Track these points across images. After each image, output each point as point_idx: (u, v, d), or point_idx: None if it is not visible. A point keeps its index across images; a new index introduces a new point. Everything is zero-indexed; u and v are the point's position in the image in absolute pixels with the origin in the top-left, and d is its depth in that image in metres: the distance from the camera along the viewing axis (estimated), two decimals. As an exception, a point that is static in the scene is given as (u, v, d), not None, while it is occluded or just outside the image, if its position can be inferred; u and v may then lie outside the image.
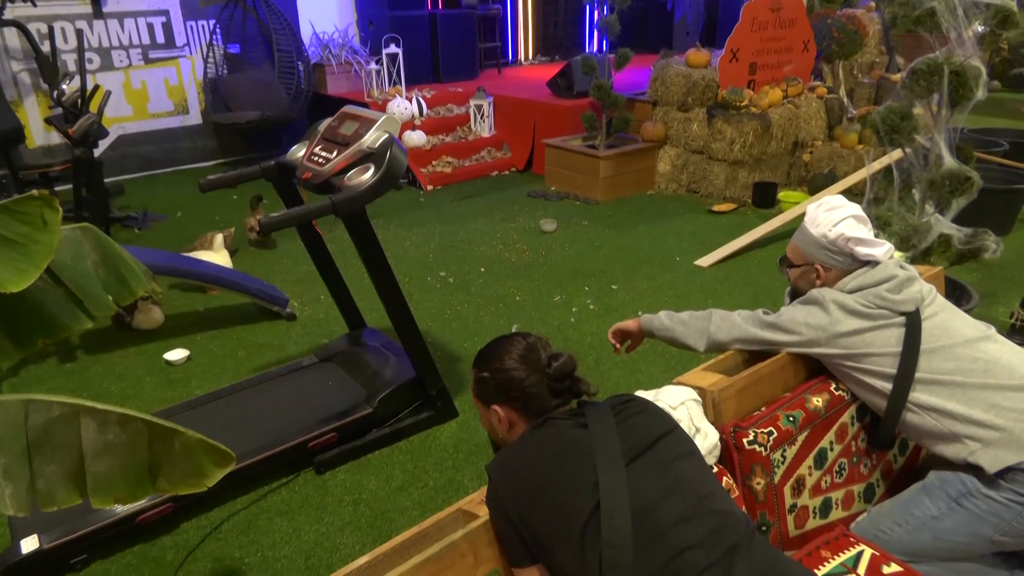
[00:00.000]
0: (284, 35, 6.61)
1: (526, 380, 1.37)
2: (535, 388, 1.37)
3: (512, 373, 1.38)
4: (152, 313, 3.78)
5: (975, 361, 1.61)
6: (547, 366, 1.37)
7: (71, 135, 4.54)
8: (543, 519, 1.26)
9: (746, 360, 1.83)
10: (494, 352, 1.44)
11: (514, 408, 1.41)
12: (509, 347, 1.42)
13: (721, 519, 1.23)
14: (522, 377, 1.38)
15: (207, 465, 1.43)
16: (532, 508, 1.27)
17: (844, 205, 1.76)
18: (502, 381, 1.40)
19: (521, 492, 1.29)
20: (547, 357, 1.39)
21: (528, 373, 1.37)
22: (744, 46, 5.60)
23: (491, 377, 1.42)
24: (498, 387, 1.41)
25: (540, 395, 1.37)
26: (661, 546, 1.19)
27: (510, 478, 1.32)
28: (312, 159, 2.53)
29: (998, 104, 8.84)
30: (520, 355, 1.40)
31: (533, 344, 1.42)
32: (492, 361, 1.43)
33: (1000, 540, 1.55)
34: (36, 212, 1.30)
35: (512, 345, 1.42)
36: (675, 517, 1.21)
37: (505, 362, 1.40)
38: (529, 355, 1.39)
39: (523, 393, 1.38)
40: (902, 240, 3.02)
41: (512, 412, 1.41)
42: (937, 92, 2.83)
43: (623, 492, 1.22)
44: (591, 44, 9.82)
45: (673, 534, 1.19)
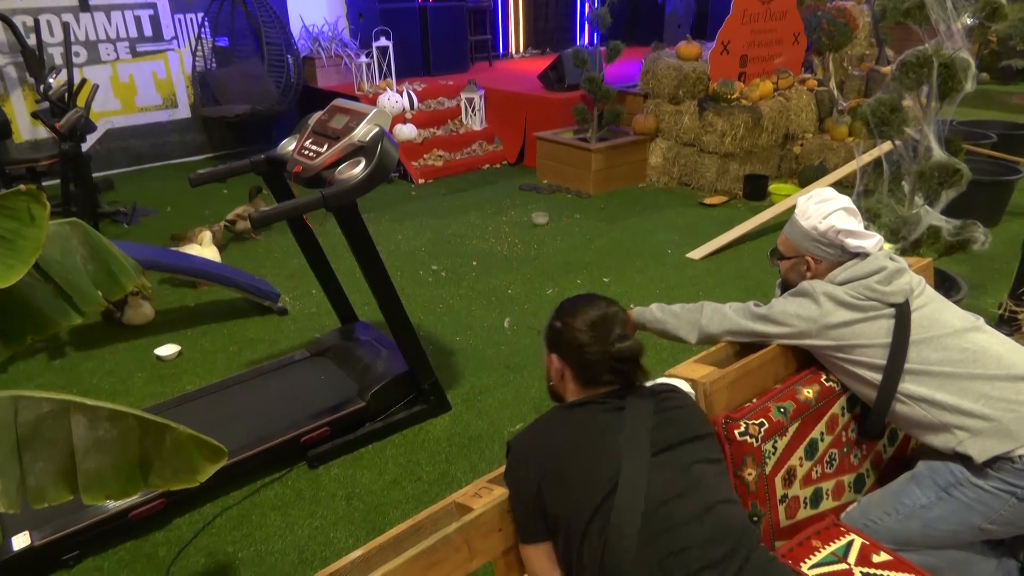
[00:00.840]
0: (273, 28, 6.57)
1: (588, 348, 1.37)
2: (594, 358, 1.37)
3: (578, 335, 1.38)
4: (142, 308, 3.76)
5: (964, 352, 1.62)
6: (612, 343, 1.36)
7: (58, 129, 4.50)
8: (560, 494, 1.28)
9: (737, 352, 1.83)
10: (574, 307, 1.43)
11: (568, 365, 1.42)
12: (589, 309, 1.41)
13: (726, 527, 1.25)
14: (586, 343, 1.37)
15: (199, 460, 1.43)
16: (551, 482, 1.29)
17: (834, 197, 1.77)
18: (568, 338, 1.40)
19: (544, 466, 1.31)
20: (617, 335, 1.37)
21: (592, 341, 1.37)
22: (735, 38, 5.60)
23: (560, 329, 1.42)
24: (562, 341, 1.41)
25: (596, 366, 1.37)
26: (664, 540, 1.21)
27: (534, 451, 1.33)
28: (302, 153, 2.52)
29: (987, 96, 8.89)
30: (593, 321, 1.39)
31: (611, 316, 1.40)
32: (568, 315, 1.42)
33: (988, 528, 1.57)
34: (23, 207, 1.29)
35: (592, 308, 1.41)
36: (684, 516, 1.23)
37: (577, 322, 1.39)
38: (602, 324, 1.38)
39: (581, 357, 1.39)
40: (892, 232, 3.03)
41: (566, 368, 1.42)
42: (926, 84, 2.84)
43: (641, 481, 1.24)
44: (582, 37, 9.80)
45: (678, 531, 1.21)
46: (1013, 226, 4.70)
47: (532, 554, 1.33)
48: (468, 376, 3.24)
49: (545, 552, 1.32)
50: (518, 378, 3.21)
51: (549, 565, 1.32)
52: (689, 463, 1.31)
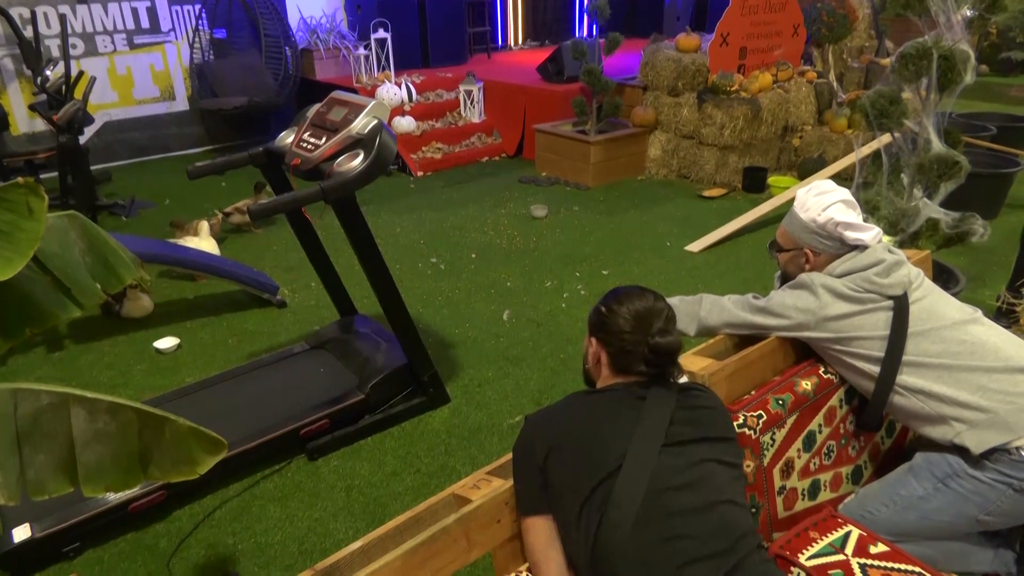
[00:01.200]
0: (271, 20, 6.54)
1: (627, 336, 1.39)
2: (631, 347, 1.38)
3: (620, 322, 1.40)
4: (141, 301, 3.75)
5: (962, 344, 1.62)
6: (652, 336, 1.37)
7: (56, 122, 4.48)
8: (564, 467, 1.31)
9: (736, 344, 1.84)
10: (621, 295, 1.44)
11: (606, 351, 1.43)
12: (636, 300, 1.42)
13: (727, 526, 1.26)
14: (626, 331, 1.39)
15: (198, 453, 1.43)
16: (557, 454, 1.32)
17: (833, 190, 1.77)
18: (609, 324, 1.42)
19: (554, 439, 1.34)
20: (659, 328, 1.38)
21: (633, 331, 1.38)
22: (734, 30, 5.59)
23: (605, 313, 1.43)
24: (603, 325, 1.43)
25: (632, 355, 1.39)
26: (661, 526, 1.22)
27: (547, 426, 1.37)
28: (301, 145, 2.51)
29: (986, 88, 8.87)
30: (637, 312, 1.40)
31: (656, 310, 1.41)
32: (615, 302, 1.43)
33: (984, 519, 1.58)
34: (21, 200, 1.28)
35: (639, 300, 1.42)
36: (684, 507, 1.25)
37: (622, 310, 1.41)
38: (645, 317, 1.39)
39: (619, 345, 1.40)
40: (890, 224, 3.04)
41: (602, 352, 1.44)
42: (926, 76, 2.83)
43: (648, 465, 1.26)
44: (581, 28, 9.76)
45: (675, 519, 1.23)
46: (1011, 218, 4.70)
47: (532, 526, 1.34)
48: (467, 368, 3.24)
49: (545, 524, 1.33)
50: (517, 370, 3.22)
51: (548, 538, 1.33)
52: (698, 459, 1.31)
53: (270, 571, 2.21)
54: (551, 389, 3.06)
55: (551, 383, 3.11)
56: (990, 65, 9.70)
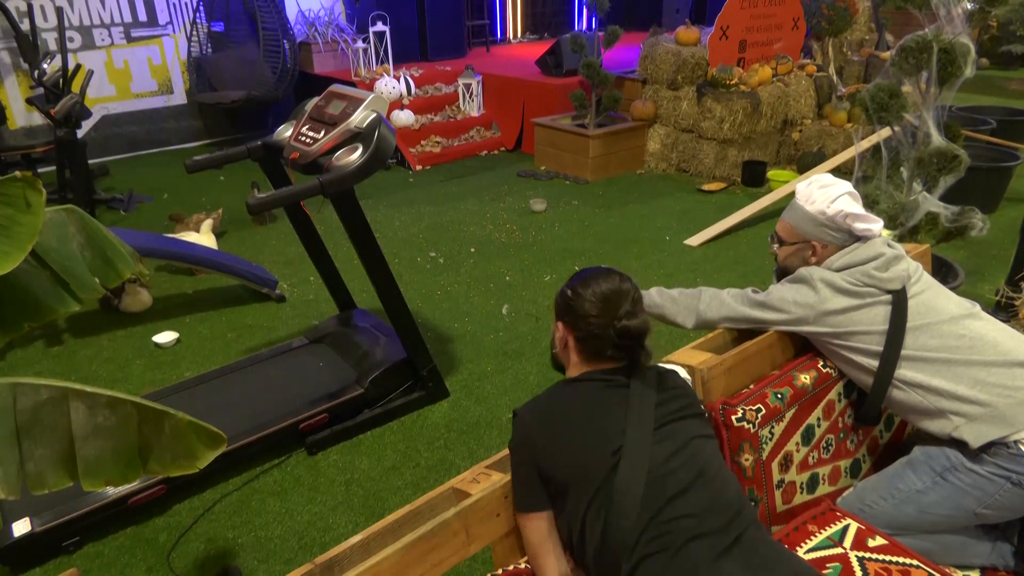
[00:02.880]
0: (269, 13, 6.51)
1: (594, 320, 1.37)
2: (598, 331, 1.37)
3: (586, 306, 1.38)
4: (140, 296, 3.75)
5: (960, 338, 1.63)
6: (619, 318, 1.35)
7: (53, 116, 4.47)
8: (565, 462, 1.30)
9: (735, 338, 1.84)
10: (588, 278, 1.42)
11: (573, 335, 1.41)
12: (602, 282, 1.40)
13: (722, 499, 1.28)
14: (592, 315, 1.37)
15: (198, 447, 1.43)
16: (557, 450, 1.31)
17: (837, 182, 1.77)
18: (576, 308, 1.40)
19: (549, 434, 1.32)
20: (626, 311, 1.36)
21: (600, 314, 1.37)
22: (734, 24, 5.57)
23: (570, 297, 1.42)
24: (570, 310, 1.41)
25: (601, 339, 1.37)
26: (663, 510, 1.24)
27: (540, 421, 1.35)
28: (299, 139, 2.51)
29: (986, 82, 8.86)
30: (604, 295, 1.38)
31: (623, 292, 1.39)
32: (580, 284, 1.41)
33: (983, 513, 1.58)
34: (19, 194, 1.28)
35: (605, 282, 1.40)
36: (681, 485, 1.26)
37: (588, 292, 1.39)
38: (612, 299, 1.37)
39: (587, 329, 1.38)
40: (890, 218, 3.03)
41: (570, 337, 1.42)
42: (926, 70, 2.83)
43: (646, 450, 1.26)
44: (580, 22, 9.73)
45: (676, 500, 1.24)
46: (1011, 212, 4.70)
47: (529, 524, 1.34)
48: (466, 363, 3.24)
49: (543, 521, 1.33)
50: (516, 365, 3.22)
51: (546, 535, 1.33)
52: (687, 438, 1.33)
53: (270, 565, 2.21)
54: (550, 383, 3.03)
55: (550, 377, 3.11)
56: (990, 58, 9.69)
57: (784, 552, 1.30)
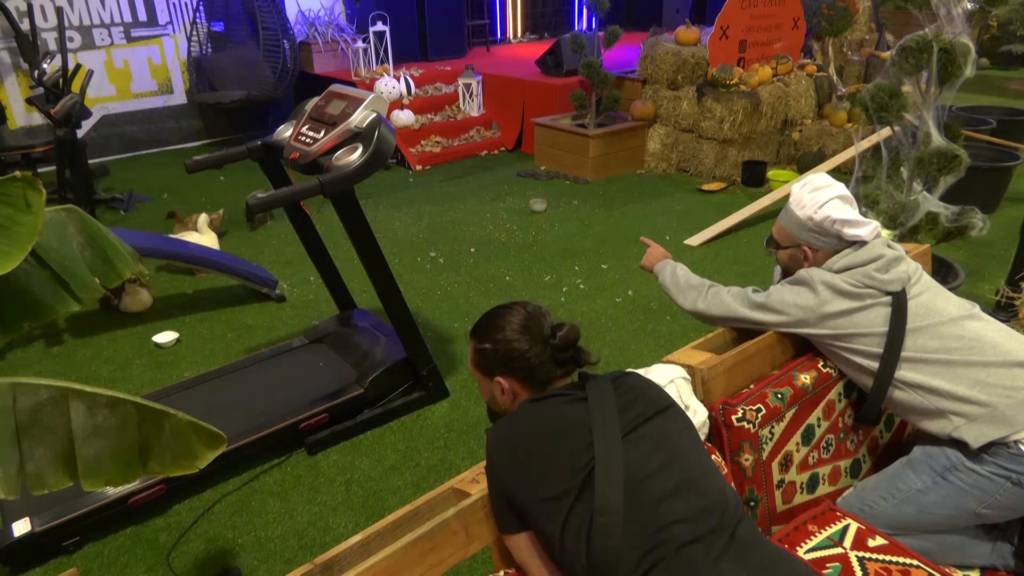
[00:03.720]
0: (268, 12, 6.51)
1: (529, 351, 1.34)
2: (538, 359, 1.35)
3: (514, 344, 1.35)
4: (140, 295, 3.75)
5: (960, 339, 1.63)
6: (551, 336, 1.34)
7: (53, 115, 4.47)
8: (534, 488, 1.26)
9: (735, 338, 1.84)
10: (494, 322, 1.39)
11: (517, 379, 1.38)
12: (510, 316, 1.38)
13: (710, 498, 1.24)
14: (525, 348, 1.34)
15: (198, 447, 1.43)
16: (525, 478, 1.27)
17: (829, 185, 1.76)
18: (504, 353, 1.36)
19: (515, 462, 1.29)
20: (550, 327, 1.35)
21: (531, 344, 1.34)
22: (734, 23, 5.57)
23: (492, 349, 1.38)
24: (500, 359, 1.37)
25: (543, 365, 1.35)
26: (649, 517, 1.19)
27: (507, 450, 1.31)
28: (299, 139, 2.51)
29: (986, 82, 8.86)
30: (521, 325, 1.36)
31: (533, 313, 1.38)
32: (492, 332, 1.38)
33: (983, 513, 1.58)
34: (19, 194, 1.28)
35: (512, 315, 1.38)
36: (665, 491, 1.22)
37: (507, 333, 1.36)
38: (531, 325, 1.36)
39: (526, 364, 1.35)
40: (890, 218, 3.03)
41: (515, 383, 1.38)
42: (926, 70, 2.83)
43: (618, 462, 1.22)
44: (580, 22, 9.74)
45: (662, 507, 1.20)
46: (1011, 212, 4.70)
47: (512, 543, 1.33)
48: (466, 363, 3.24)
49: (525, 541, 1.31)
50: (516, 365, 3.22)
51: (531, 553, 1.31)
52: (663, 437, 1.29)
53: (270, 565, 2.21)
54: (550, 383, 3.06)
55: (550, 377, 3.11)
56: (990, 58, 9.69)
57: (782, 553, 1.29)
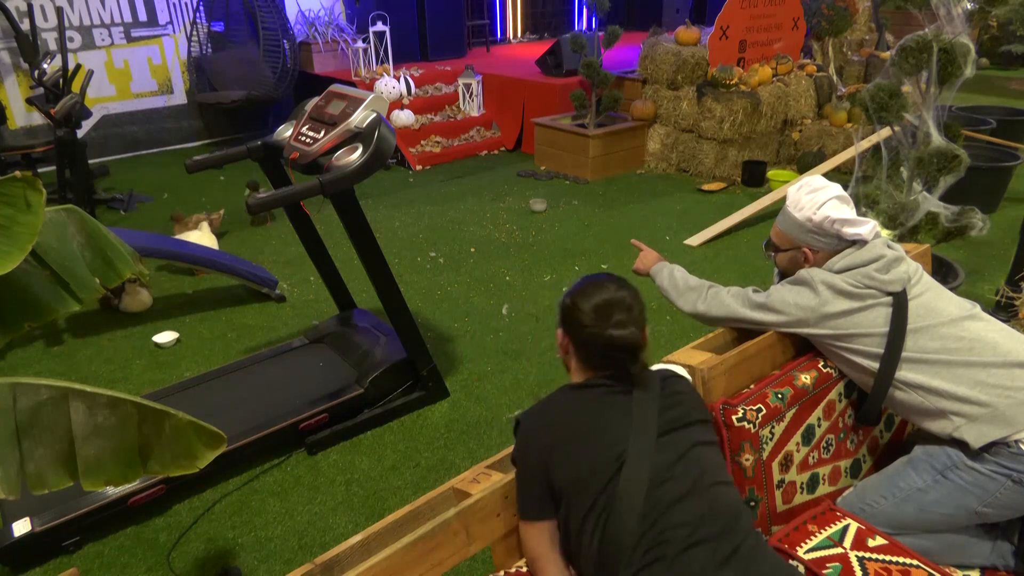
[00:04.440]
0: (268, 12, 6.51)
1: (586, 329, 1.37)
2: (590, 340, 1.37)
3: (581, 315, 1.38)
4: (140, 295, 3.75)
5: (960, 340, 1.63)
6: (609, 328, 1.35)
7: (53, 115, 4.47)
8: (567, 468, 1.30)
9: (735, 338, 1.84)
10: (586, 286, 1.42)
11: (571, 342, 1.42)
12: (599, 291, 1.40)
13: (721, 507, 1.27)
14: (586, 324, 1.37)
15: (198, 447, 1.43)
16: (560, 456, 1.31)
17: (826, 186, 1.76)
18: (572, 316, 1.40)
19: (552, 441, 1.32)
20: (616, 320, 1.36)
21: (593, 323, 1.37)
22: (734, 23, 5.57)
23: (569, 305, 1.42)
24: (567, 317, 1.42)
25: (593, 348, 1.38)
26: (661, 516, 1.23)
27: (544, 427, 1.35)
28: (299, 139, 2.51)
29: (986, 82, 8.86)
30: (598, 304, 1.37)
31: (616, 301, 1.38)
32: (578, 294, 1.42)
33: (983, 512, 1.58)
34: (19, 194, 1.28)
35: (601, 291, 1.40)
36: (679, 493, 1.26)
37: (583, 302, 1.39)
38: (605, 309, 1.37)
39: (580, 337, 1.39)
40: (890, 218, 3.03)
41: (569, 344, 1.43)
42: (926, 70, 2.83)
43: (647, 459, 1.26)
44: (580, 22, 9.74)
45: (674, 507, 1.24)
46: (1011, 212, 4.70)
47: (532, 532, 1.34)
48: (466, 363, 3.24)
49: (546, 531, 1.33)
50: (516, 365, 3.22)
51: (549, 545, 1.32)
52: (688, 445, 1.33)
53: (270, 565, 2.21)
54: (550, 383, 3.07)
55: (550, 377, 3.11)
56: (990, 58, 9.69)
57: (787, 568, 1.30)
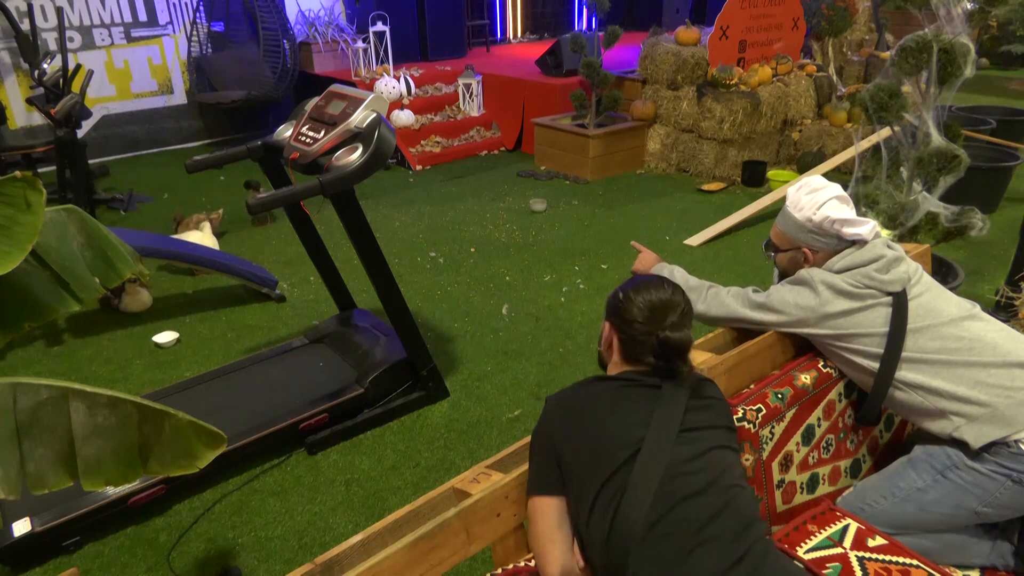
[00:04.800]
0: (268, 12, 6.51)
1: (638, 327, 1.39)
2: (642, 337, 1.39)
3: (634, 311, 1.40)
4: (140, 295, 3.75)
5: (960, 340, 1.63)
6: (664, 329, 1.37)
7: (53, 116, 4.47)
8: (580, 447, 1.32)
9: (735, 338, 1.84)
10: (644, 285, 1.44)
11: (617, 336, 1.44)
12: (653, 291, 1.42)
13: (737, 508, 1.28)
14: (638, 322, 1.39)
15: (198, 447, 1.43)
16: (574, 435, 1.33)
17: (825, 186, 1.76)
18: (624, 310, 1.42)
19: (569, 419, 1.35)
20: (671, 322, 1.38)
21: (645, 321, 1.39)
22: (734, 23, 5.57)
23: (622, 299, 1.44)
24: (618, 311, 1.44)
25: (642, 345, 1.39)
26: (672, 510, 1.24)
27: (568, 408, 1.38)
28: (299, 139, 2.51)
29: (986, 82, 8.86)
30: (652, 304, 1.40)
31: (672, 303, 1.41)
32: (632, 289, 1.44)
33: (983, 511, 1.58)
34: (19, 194, 1.28)
35: (657, 292, 1.42)
36: (695, 488, 1.27)
37: (638, 299, 1.41)
38: (660, 309, 1.39)
39: (630, 334, 1.41)
40: (890, 218, 3.03)
41: (615, 338, 1.45)
42: (926, 70, 2.83)
43: (664, 450, 1.28)
44: (580, 22, 9.74)
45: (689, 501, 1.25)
46: (1011, 212, 4.70)
47: (541, 507, 1.34)
48: (466, 363, 3.24)
49: (554, 508, 1.33)
50: (516, 364, 3.22)
51: (557, 520, 1.32)
52: (710, 446, 1.34)
53: (270, 565, 2.22)
54: (550, 383, 3.07)
55: (550, 377, 3.11)
56: (990, 58, 9.70)
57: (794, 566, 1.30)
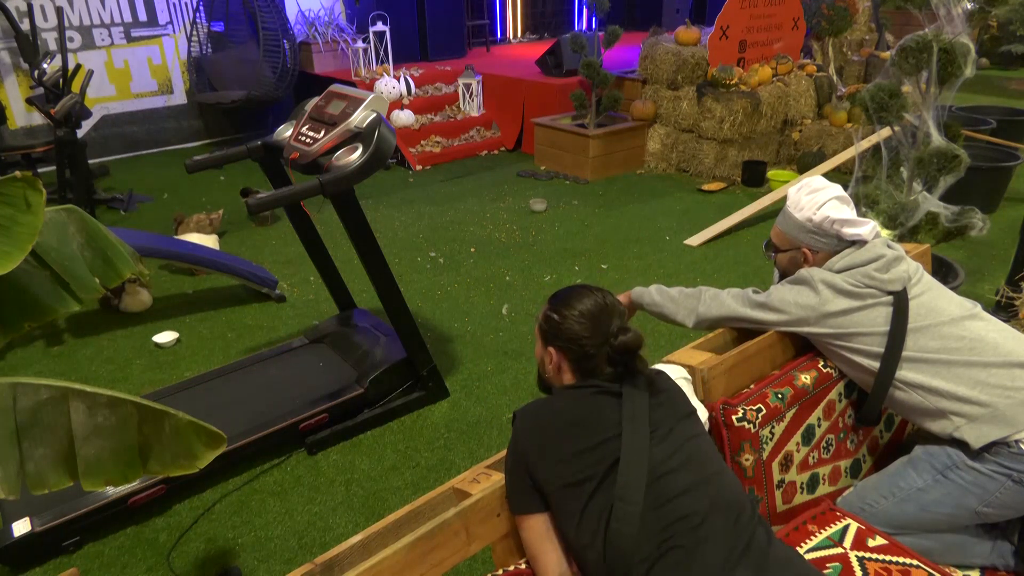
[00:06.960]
0: (269, 12, 6.51)
1: (588, 340, 1.36)
2: (593, 351, 1.37)
3: (576, 329, 1.37)
4: (140, 295, 3.75)
5: (960, 340, 1.63)
6: (614, 336, 1.35)
7: (53, 115, 4.47)
8: (556, 468, 1.29)
9: (735, 338, 1.84)
10: (571, 298, 1.41)
11: (567, 358, 1.40)
12: (587, 299, 1.39)
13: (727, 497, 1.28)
14: (585, 336, 1.37)
15: (198, 447, 1.43)
16: (550, 458, 1.30)
17: (825, 187, 1.77)
18: (566, 330, 1.39)
19: (544, 441, 1.32)
20: (617, 327, 1.36)
21: (592, 334, 1.36)
22: (734, 23, 5.57)
23: (558, 321, 1.40)
24: (560, 333, 1.40)
25: (595, 358, 1.37)
26: (667, 509, 1.24)
27: (538, 426, 1.34)
28: (299, 139, 2.51)
29: (986, 82, 8.86)
30: (593, 313, 1.37)
31: (609, 307, 1.39)
32: (565, 306, 1.40)
33: (984, 511, 1.58)
34: (19, 194, 1.28)
35: (589, 299, 1.40)
36: (681, 487, 1.26)
37: (576, 314, 1.38)
38: (601, 317, 1.37)
39: (581, 350, 1.38)
40: (890, 218, 3.03)
41: (564, 360, 1.41)
42: (926, 70, 2.83)
43: (643, 454, 1.26)
44: (580, 22, 9.74)
45: (680, 500, 1.25)
46: (1011, 212, 4.70)
47: (524, 524, 1.34)
48: (466, 363, 3.24)
49: (539, 523, 1.33)
50: (516, 365, 3.22)
51: (543, 535, 1.32)
52: (684, 439, 1.34)
53: (270, 565, 2.21)
54: (550, 383, 3.06)
55: (550, 377, 3.11)
56: (990, 58, 9.70)
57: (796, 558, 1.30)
